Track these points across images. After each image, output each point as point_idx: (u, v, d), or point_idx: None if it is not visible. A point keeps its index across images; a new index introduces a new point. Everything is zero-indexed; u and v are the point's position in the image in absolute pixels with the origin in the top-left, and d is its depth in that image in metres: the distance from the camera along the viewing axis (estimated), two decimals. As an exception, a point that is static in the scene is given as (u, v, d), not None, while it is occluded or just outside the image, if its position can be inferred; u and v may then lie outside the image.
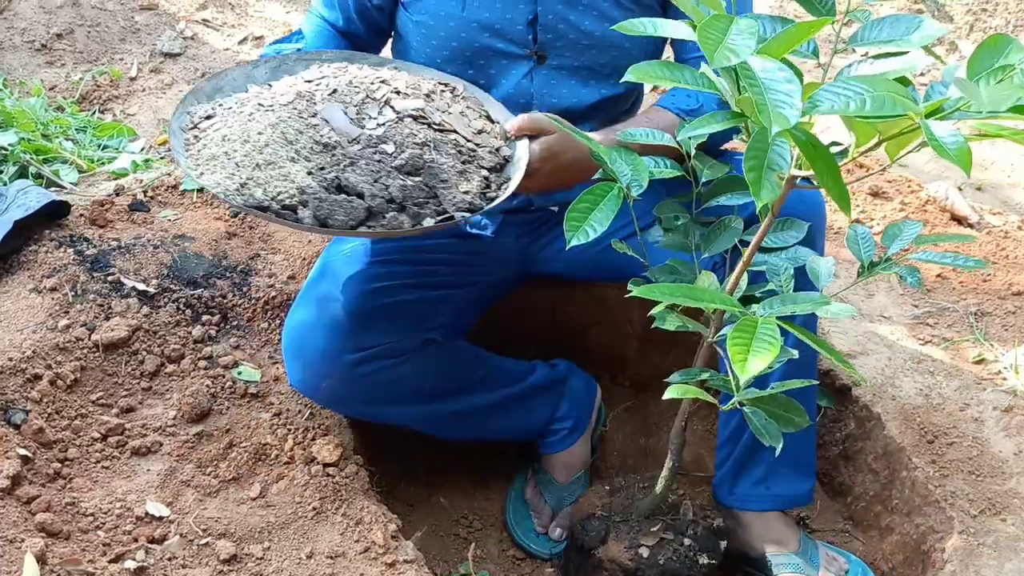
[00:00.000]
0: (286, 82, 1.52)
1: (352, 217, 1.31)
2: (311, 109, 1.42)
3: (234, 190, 1.31)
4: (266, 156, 1.34)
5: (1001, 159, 2.89)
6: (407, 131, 1.41)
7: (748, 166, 0.98)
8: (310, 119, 1.41)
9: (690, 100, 1.57)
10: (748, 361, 1.00)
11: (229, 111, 1.45)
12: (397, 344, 1.57)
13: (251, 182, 1.32)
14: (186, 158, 1.40)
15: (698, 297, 1.13)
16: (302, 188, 1.32)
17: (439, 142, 1.42)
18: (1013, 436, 1.81)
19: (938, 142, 0.89)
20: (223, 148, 1.37)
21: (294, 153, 1.36)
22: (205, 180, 1.34)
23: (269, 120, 1.39)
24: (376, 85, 1.49)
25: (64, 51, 3.14)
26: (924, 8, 3.61)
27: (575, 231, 1.26)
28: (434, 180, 1.37)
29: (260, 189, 1.31)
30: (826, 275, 1.36)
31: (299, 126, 1.39)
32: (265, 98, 1.45)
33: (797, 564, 1.72)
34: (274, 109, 1.41)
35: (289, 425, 1.65)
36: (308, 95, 1.45)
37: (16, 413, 1.56)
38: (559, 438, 1.89)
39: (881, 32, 1.09)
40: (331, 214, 1.30)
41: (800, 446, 1.70)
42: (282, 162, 1.34)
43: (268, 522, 1.51)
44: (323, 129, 1.39)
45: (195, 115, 1.47)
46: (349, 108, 1.43)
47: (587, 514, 1.69)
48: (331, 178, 1.34)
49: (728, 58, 0.91)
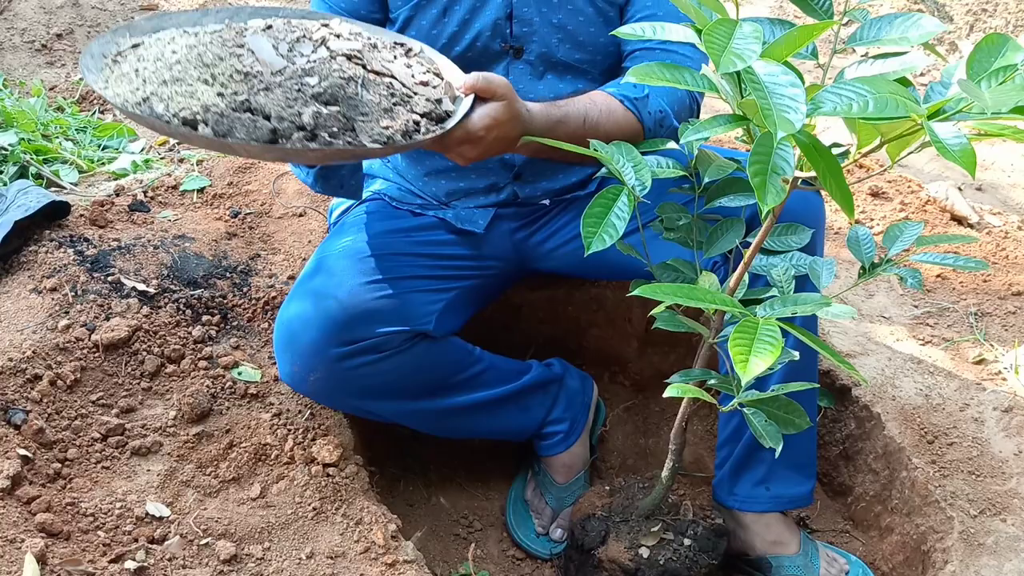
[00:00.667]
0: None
1: (254, 136, 1.23)
2: (239, 40, 1.36)
3: (134, 103, 1.26)
4: (174, 73, 1.28)
5: (1001, 159, 2.89)
6: (335, 68, 1.34)
7: (752, 171, 0.98)
8: (235, 48, 1.34)
9: (636, 89, 1.57)
10: (749, 362, 1.00)
11: (157, 40, 1.39)
12: (385, 339, 1.57)
13: (154, 97, 1.26)
14: (93, 73, 1.34)
15: (700, 298, 1.13)
16: (206, 106, 1.25)
17: (368, 80, 1.35)
18: (1013, 436, 1.81)
19: (942, 144, 0.89)
20: (135, 67, 1.32)
21: (208, 76, 1.29)
22: (108, 93, 1.29)
23: (187, 42, 1.34)
24: (317, 28, 1.43)
25: (64, 51, 3.14)
26: (924, 8, 3.61)
27: (593, 237, 1.26)
28: (353, 112, 1.29)
29: (162, 104, 1.25)
30: (827, 276, 1.36)
31: (220, 52, 1.32)
32: (193, 28, 1.40)
33: (798, 566, 1.72)
34: (198, 36, 1.36)
35: (289, 425, 1.65)
36: (238, 28, 1.39)
37: (16, 413, 1.56)
38: (557, 440, 1.89)
39: (880, 31, 1.09)
40: (231, 131, 1.23)
41: (800, 447, 1.70)
42: (191, 81, 1.28)
43: (268, 522, 1.51)
44: (246, 59, 1.32)
45: (123, 45, 1.41)
46: (281, 44, 1.36)
47: (587, 514, 1.69)
48: (240, 100, 1.26)
49: (734, 63, 0.91)
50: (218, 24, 1.47)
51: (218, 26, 1.39)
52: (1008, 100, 0.88)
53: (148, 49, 1.36)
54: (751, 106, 0.97)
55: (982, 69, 0.96)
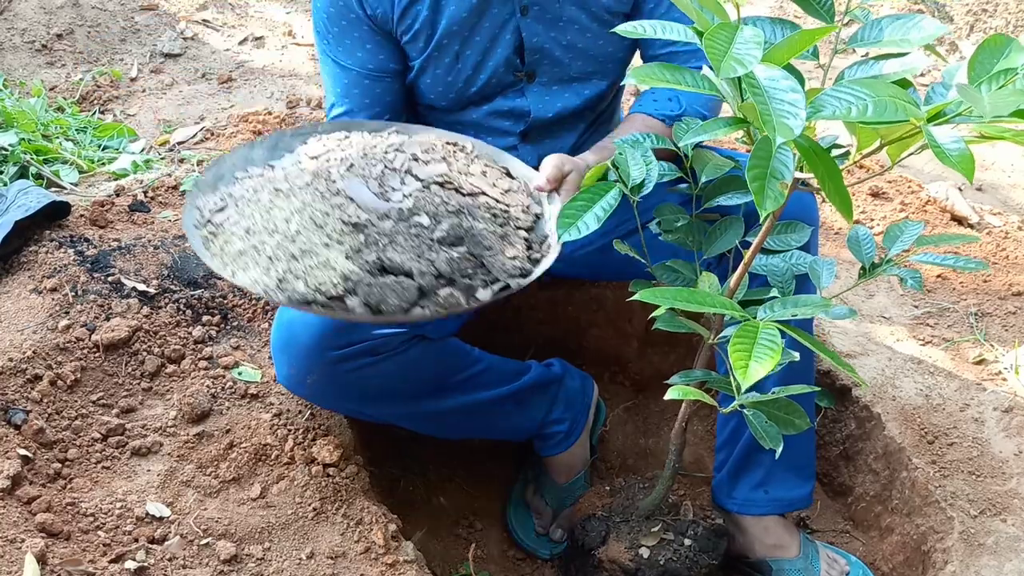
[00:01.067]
0: (289, 160, 1.46)
1: (405, 299, 1.23)
2: (332, 188, 1.34)
3: (274, 287, 1.24)
4: (300, 245, 1.26)
5: (1001, 159, 2.89)
6: (438, 200, 1.35)
7: (751, 175, 0.98)
8: (333, 198, 1.32)
9: (672, 104, 1.60)
10: (749, 368, 1.00)
11: (243, 200, 1.38)
12: (383, 340, 1.57)
13: (289, 275, 1.24)
14: (211, 257, 1.32)
15: (699, 302, 1.13)
16: (345, 274, 1.24)
17: (471, 207, 1.36)
18: (1013, 436, 1.81)
19: (940, 148, 0.89)
20: (250, 242, 1.29)
21: (326, 237, 1.28)
22: (240, 280, 1.26)
23: (293, 206, 1.31)
24: (392, 154, 1.42)
25: (64, 51, 3.14)
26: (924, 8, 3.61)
27: (567, 227, 1.27)
28: (478, 248, 1.30)
29: (300, 282, 1.23)
30: (827, 277, 1.36)
31: (324, 207, 1.30)
32: (280, 183, 1.37)
33: (798, 570, 1.72)
34: (294, 193, 1.34)
35: (289, 425, 1.65)
36: (325, 173, 1.37)
37: (16, 413, 1.56)
38: (557, 440, 1.89)
39: (881, 32, 1.09)
40: (383, 299, 1.23)
41: (799, 449, 1.70)
42: (317, 249, 1.26)
43: (268, 522, 1.51)
44: (349, 208, 1.31)
45: (205, 209, 1.40)
46: (370, 182, 1.36)
47: (587, 514, 1.70)
48: (373, 259, 1.26)
49: (734, 68, 0.91)
50: (270, 157, 1.49)
51: (305, 177, 1.37)
52: (1008, 104, 0.88)
53: (245, 215, 1.34)
54: (751, 109, 0.96)
55: (984, 71, 0.96)
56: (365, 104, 1.68)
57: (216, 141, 2.53)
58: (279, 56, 3.19)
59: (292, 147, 1.51)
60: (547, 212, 1.44)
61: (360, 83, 1.66)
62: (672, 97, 1.61)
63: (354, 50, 1.63)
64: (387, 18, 1.59)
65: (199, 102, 2.88)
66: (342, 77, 1.67)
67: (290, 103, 2.84)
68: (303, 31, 3.30)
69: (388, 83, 1.67)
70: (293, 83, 3.00)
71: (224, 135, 2.55)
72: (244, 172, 1.47)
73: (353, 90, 1.67)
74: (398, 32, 1.61)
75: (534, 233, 1.40)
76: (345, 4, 1.59)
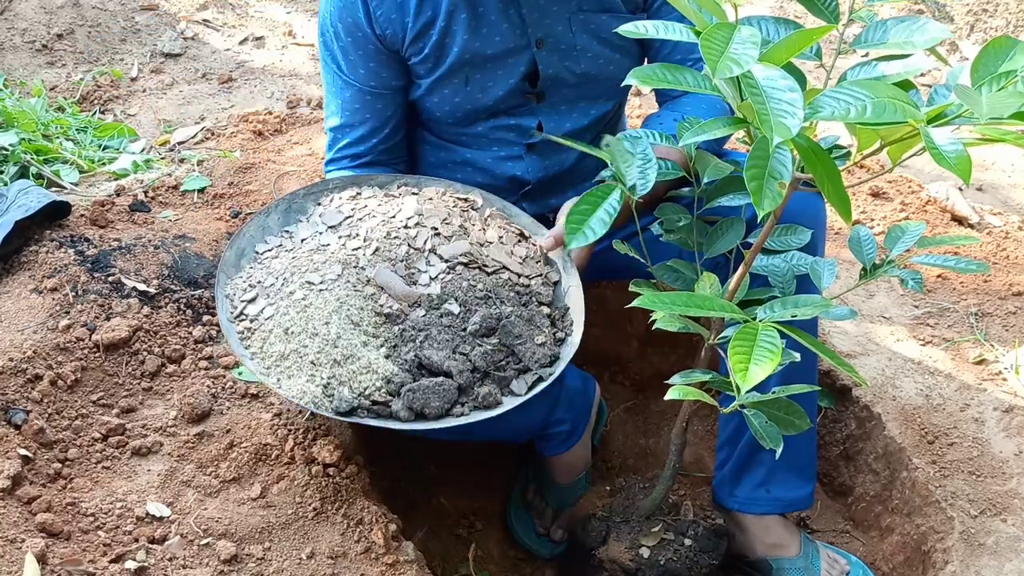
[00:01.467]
0: (307, 230, 1.50)
1: (446, 400, 1.30)
2: (362, 277, 1.40)
3: (321, 396, 1.30)
4: (342, 349, 1.32)
5: (1002, 159, 2.89)
6: (465, 284, 1.41)
7: (749, 175, 0.98)
8: (365, 288, 1.39)
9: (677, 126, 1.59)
10: (749, 371, 1.00)
11: (274, 292, 1.42)
12: None
13: (334, 381, 1.30)
14: (252, 359, 1.37)
15: (700, 305, 1.13)
16: (388, 377, 1.30)
17: (497, 288, 1.42)
18: (1013, 436, 1.81)
19: (938, 150, 0.89)
20: (290, 345, 1.35)
21: (363, 335, 1.34)
22: (285, 390, 1.32)
23: (330, 306, 1.36)
24: (414, 230, 1.47)
25: (65, 51, 3.14)
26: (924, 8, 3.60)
27: (574, 233, 1.27)
28: (509, 338, 1.37)
29: (345, 388, 1.30)
30: (828, 277, 1.36)
31: (359, 303, 1.37)
32: (311, 274, 1.42)
33: (798, 569, 1.72)
34: (327, 287, 1.39)
35: (289, 425, 1.65)
36: (353, 261, 1.43)
37: (17, 413, 1.56)
38: (559, 440, 1.89)
39: (885, 34, 1.08)
40: (427, 402, 1.29)
41: (800, 449, 1.70)
42: (358, 351, 1.32)
43: (269, 522, 1.51)
44: (380, 298, 1.38)
45: (235, 298, 1.45)
46: (398, 265, 1.42)
47: (588, 514, 1.69)
48: (411, 358, 1.32)
49: (731, 69, 0.91)
50: (285, 223, 1.55)
51: (335, 268, 1.42)
52: (1007, 106, 0.88)
53: (280, 311, 1.38)
54: (750, 109, 0.96)
55: (987, 72, 0.96)
56: (366, 118, 1.68)
57: (216, 141, 2.53)
58: (279, 56, 3.19)
59: (305, 209, 1.56)
60: (566, 286, 1.50)
61: (362, 98, 1.66)
62: (678, 118, 1.60)
63: (358, 66, 1.63)
64: (396, 39, 1.59)
65: (199, 102, 2.88)
66: (344, 90, 1.67)
67: (290, 103, 2.84)
68: (303, 31, 3.30)
69: (389, 98, 1.68)
70: (293, 83, 3.00)
71: (224, 135, 2.55)
72: (264, 243, 1.52)
73: (354, 104, 1.67)
74: (407, 53, 1.61)
75: (555, 307, 1.47)
76: (355, 22, 1.59)
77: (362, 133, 1.69)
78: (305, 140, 2.49)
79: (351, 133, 1.70)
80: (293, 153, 2.42)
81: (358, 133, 1.69)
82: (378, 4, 1.56)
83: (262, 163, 2.32)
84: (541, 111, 1.67)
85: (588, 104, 1.69)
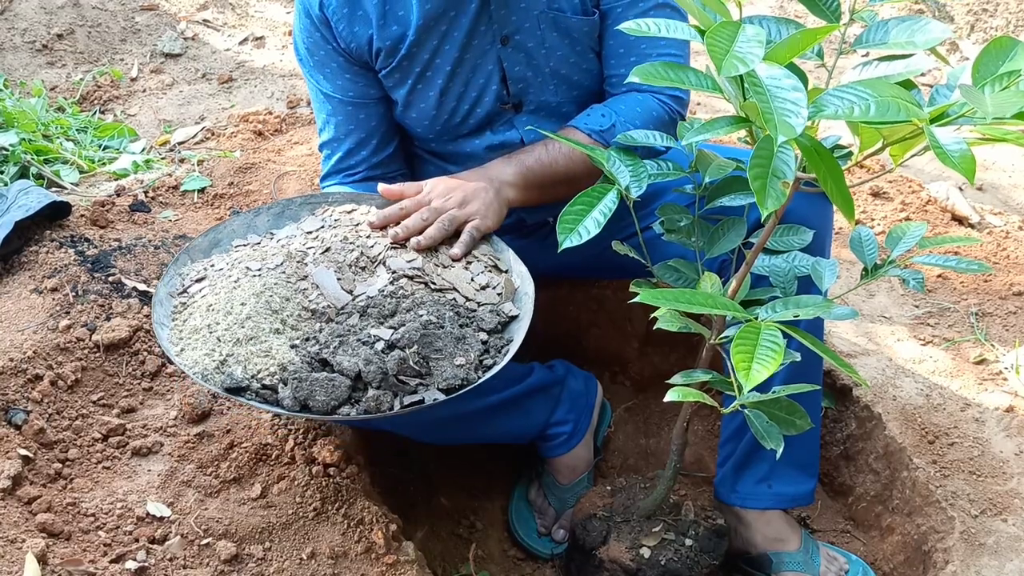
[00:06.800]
0: (286, 232, 1.50)
1: (333, 396, 1.27)
2: (300, 272, 1.39)
3: (213, 370, 1.29)
4: (248, 331, 1.31)
5: (1002, 159, 2.89)
6: (400, 293, 1.38)
7: (753, 174, 0.98)
8: (299, 283, 1.38)
9: (604, 120, 1.59)
10: (752, 370, 1.00)
11: (219, 273, 1.41)
12: None
13: (231, 359, 1.29)
14: (169, 328, 1.37)
15: (701, 303, 1.12)
16: (283, 364, 1.29)
17: (434, 303, 1.38)
18: (1014, 436, 1.81)
19: (942, 149, 0.89)
20: (207, 319, 1.34)
21: (279, 323, 1.33)
22: (179, 360, 1.31)
23: (254, 288, 1.35)
24: (372, 240, 1.46)
25: (65, 51, 3.14)
26: (925, 8, 3.60)
27: (568, 233, 1.26)
28: (428, 350, 1.31)
29: (240, 367, 1.28)
30: (829, 277, 1.36)
31: (286, 292, 1.36)
32: (254, 260, 1.42)
33: (798, 563, 1.72)
34: (261, 274, 1.38)
35: (290, 425, 1.65)
36: (299, 255, 1.42)
37: (17, 413, 1.56)
38: (560, 441, 1.89)
39: (887, 34, 1.08)
40: (311, 394, 1.26)
41: (803, 446, 1.70)
42: (264, 336, 1.31)
43: (269, 522, 1.51)
44: (312, 294, 1.37)
45: (187, 277, 1.44)
46: (344, 269, 1.40)
47: (588, 514, 1.69)
48: (314, 351, 1.30)
49: (736, 67, 0.91)
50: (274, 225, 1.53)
51: (279, 257, 1.41)
52: (1010, 105, 0.88)
53: (215, 290, 1.37)
54: (754, 108, 0.96)
55: (988, 73, 0.96)
56: (350, 130, 1.68)
57: (216, 141, 2.53)
58: (279, 56, 3.19)
59: (298, 216, 1.55)
60: (523, 312, 1.43)
61: (343, 110, 1.67)
62: (606, 112, 1.60)
63: (334, 78, 1.64)
64: (362, 52, 1.60)
65: (199, 102, 2.88)
66: (326, 104, 1.68)
67: (290, 103, 2.84)
68: (303, 31, 3.29)
69: (371, 108, 1.68)
70: (293, 83, 3.00)
71: (224, 135, 2.55)
72: (242, 240, 1.51)
73: (337, 116, 1.68)
74: (376, 67, 1.62)
75: (498, 336, 1.40)
76: (322, 36, 1.60)
77: (349, 147, 1.69)
78: (305, 140, 2.49)
79: (340, 147, 1.70)
80: (293, 153, 2.42)
81: (346, 147, 1.69)
82: (339, 19, 1.56)
83: (262, 163, 2.32)
84: (520, 122, 1.66)
85: (569, 113, 1.67)
